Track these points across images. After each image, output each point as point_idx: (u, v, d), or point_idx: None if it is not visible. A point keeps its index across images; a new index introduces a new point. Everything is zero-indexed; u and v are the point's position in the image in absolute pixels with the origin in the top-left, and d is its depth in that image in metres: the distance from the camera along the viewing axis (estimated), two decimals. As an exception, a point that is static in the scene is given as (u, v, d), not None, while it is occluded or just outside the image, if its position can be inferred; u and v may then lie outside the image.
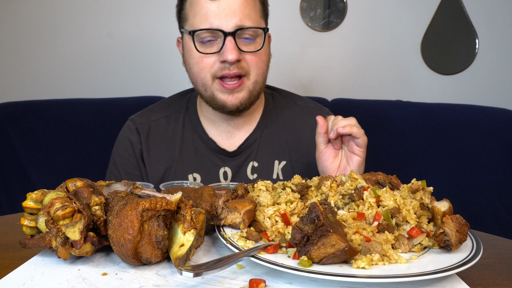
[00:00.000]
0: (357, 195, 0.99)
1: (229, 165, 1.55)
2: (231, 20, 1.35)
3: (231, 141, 1.57)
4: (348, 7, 2.89)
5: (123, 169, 1.57)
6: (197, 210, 0.85)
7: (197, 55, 1.40)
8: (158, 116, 1.60)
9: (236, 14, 1.36)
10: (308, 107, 1.67)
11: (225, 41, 1.35)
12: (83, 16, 2.86)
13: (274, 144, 1.58)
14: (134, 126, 1.59)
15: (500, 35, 2.88)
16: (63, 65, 2.90)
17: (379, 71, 2.96)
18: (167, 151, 1.55)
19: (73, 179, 0.90)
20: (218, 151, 1.55)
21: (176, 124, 1.59)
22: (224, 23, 1.35)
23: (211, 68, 1.40)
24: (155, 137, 1.57)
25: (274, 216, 0.95)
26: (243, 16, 1.37)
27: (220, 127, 1.57)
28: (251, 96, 1.45)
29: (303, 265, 0.77)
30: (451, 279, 0.81)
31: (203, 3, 1.37)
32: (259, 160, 1.55)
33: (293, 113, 1.64)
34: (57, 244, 0.81)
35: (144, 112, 1.64)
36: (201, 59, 1.40)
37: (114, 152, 1.62)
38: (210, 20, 1.36)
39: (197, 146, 1.56)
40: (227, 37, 1.35)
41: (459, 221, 0.86)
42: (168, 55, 2.88)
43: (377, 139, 2.33)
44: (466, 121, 2.32)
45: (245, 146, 1.56)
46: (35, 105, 2.39)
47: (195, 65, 1.43)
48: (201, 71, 1.42)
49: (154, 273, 0.81)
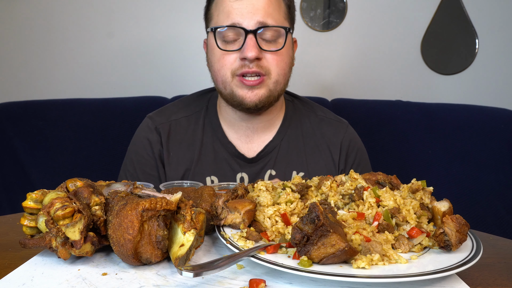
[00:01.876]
0: (357, 195, 0.99)
1: (246, 171, 1.53)
2: (253, 18, 1.35)
3: (250, 146, 1.55)
4: (348, 7, 2.89)
5: (140, 168, 1.54)
6: (197, 210, 0.85)
7: (219, 52, 1.40)
8: (178, 116, 1.58)
9: (259, 13, 1.36)
10: (328, 119, 1.64)
11: (246, 38, 1.35)
12: (83, 16, 2.86)
13: (292, 154, 1.55)
14: (153, 125, 1.55)
15: (500, 35, 2.88)
16: (63, 65, 2.90)
17: (379, 71, 2.96)
18: (186, 152, 1.53)
19: (73, 179, 0.90)
20: (237, 155, 1.53)
21: (196, 125, 1.56)
22: (246, 21, 1.35)
23: (231, 65, 1.39)
24: (175, 138, 1.54)
25: (274, 216, 0.95)
26: (266, 14, 1.37)
27: (240, 129, 1.54)
28: (270, 96, 1.43)
29: (303, 265, 0.77)
30: (451, 279, 0.81)
31: (227, 2, 1.38)
32: (277, 169, 1.53)
33: (313, 123, 1.62)
34: (57, 244, 0.81)
35: (163, 110, 1.61)
36: (222, 56, 1.40)
37: (131, 149, 1.59)
38: (232, 17, 1.36)
39: (217, 149, 1.54)
40: (248, 34, 1.35)
41: (459, 221, 0.86)
42: (169, 55, 2.88)
43: (377, 139, 2.33)
44: (466, 121, 2.32)
45: (264, 153, 1.54)
46: (35, 105, 2.39)
47: (217, 62, 1.42)
48: (221, 68, 1.41)
49: (154, 273, 0.81)
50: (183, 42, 2.84)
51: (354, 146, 1.62)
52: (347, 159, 1.58)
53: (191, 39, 2.82)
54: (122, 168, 1.61)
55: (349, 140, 1.61)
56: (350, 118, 2.40)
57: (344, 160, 1.58)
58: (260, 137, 1.55)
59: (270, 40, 1.40)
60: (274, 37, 1.40)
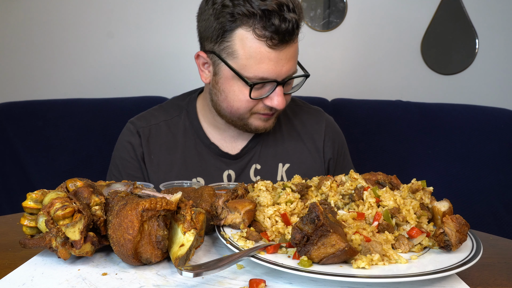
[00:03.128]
0: (357, 195, 0.99)
1: (232, 167, 1.54)
2: (286, 71, 1.34)
3: (233, 144, 1.56)
4: (348, 7, 2.89)
5: (125, 172, 1.55)
6: (197, 210, 0.85)
7: (243, 94, 1.36)
8: (158, 120, 1.59)
9: (290, 64, 1.35)
10: (306, 107, 1.69)
11: (276, 89, 1.34)
12: (83, 16, 2.86)
13: (277, 146, 1.57)
14: (135, 129, 1.57)
15: (500, 35, 2.88)
16: (63, 65, 2.90)
17: (379, 71, 2.96)
18: (167, 156, 1.54)
19: (73, 179, 0.90)
20: (221, 154, 1.54)
21: (176, 129, 1.57)
22: (280, 74, 1.33)
23: (254, 108, 1.40)
24: (156, 142, 1.55)
25: (274, 216, 0.95)
26: (295, 65, 1.38)
27: (225, 132, 1.55)
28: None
29: (303, 265, 0.77)
30: (451, 279, 0.81)
31: (263, 50, 1.28)
32: (261, 163, 1.55)
33: (293, 112, 1.65)
34: (57, 244, 0.81)
35: (143, 115, 1.63)
36: (247, 102, 1.37)
37: (115, 155, 1.61)
38: (268, 68, 1.30)
39: (200, 151, 1.55)
40: (278, 86, 1.34)
41: (459, 221, 0.86)
42: (169, 55, 2.87)
43: (377, 139, 2.33)
44: (466, 121, 2.32)
45: (248, 148, 1.55)
46: (35, 105, 2.39)
47: (238, 102, 1.38)
48: (241, 107, 1.39)
49: (154, 273, 0.81)
50: (183, 42, 2.84)
51: (336, 130, 1.67)
52: (333, 144, 1.62)
53: (191, 39, 2.82)
54: (108, 174, 1.62)
55: (331, 126, 1.65)
56: (350, 118, 2.40)
57: (330, 146, 1.61)
58: (244, 135, 1.56)
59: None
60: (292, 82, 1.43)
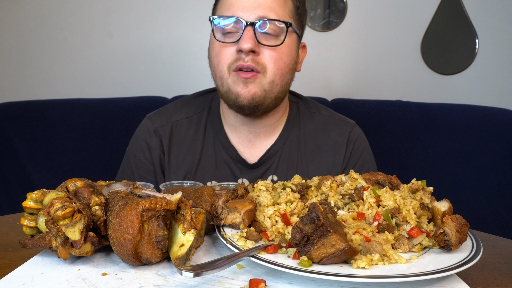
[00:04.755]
0: (357, 195, 0.99)
1: (247, 176, 1.48)
2: (255, 12, 1.32)
3: (252, 151, 1.50)
4: (348, 7, 2.89)
5: (137, 172, 1.51)
6: (197, 210, 0.85)
7: (217, 45, 1.36)
8: (179, 116, 1.52)
9: (261, 7, 1.32)
10: (333, 119, 1.59)
11: (244, 30, 1.31)
12: (83, 16, 2.86)
13: (294, 158, 1.50)
14: (153, 128, 1.50)
15: (500, 35, 2.88)
16: (63, 65, 2.90)
17: (379, 71, 2.96)
18: (187, 155, 1.48)
19: (73, 179, 0.90)
20: (239, 160, 1.48)
21: (197, 127, 1.51)
22: (247, 14, 1.31)
23: (228, 59, 1.34)
24: (176, 140, 1.49)
25: (274, 216, 0.95)
26: (268, 9, 1.33)
27: (241, 134, 1.50)
28: (266, 97, 1.36)
29: (303, 265, 0.77)
30: (451, 279, 0.81)
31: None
32: (279, 174, 1.49)
33: (316, 124, 1.56)
34: (57, 244, 0.81)
35: (163, 111, 1.56)
36: (220, 50, 1.36)
37: (129, 151, 1.55)
38: (233, 10, 1.33)
39: (218, 152, 1.49)
40: (246, 27, 1.30)
41: (459, 221, 0.86)
42: (169, 55, 2.88)
43: (377, 139, 2.33)
44: (466, 121, 2.32)
45: (266, 158, 1.49)
46: (35, 105, 2.39)
47: (215, 56, 1.38)
48: (219, 63, 1.37)
49: (154, 273, 0.81)
50: (183, 42, 2.84)
51: (359, 146, 1.56)
52: (350, 158, 1.53)
53: (191, 39, 2.83)
54: (120, 169, 1.58)
55: (355, 139, 1.55)
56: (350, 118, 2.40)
57: (347, 160, 1.53)
58: (262, 142, 1.51)
59: (271, 35, 1.34)
60: (275, 33, 1.33)
